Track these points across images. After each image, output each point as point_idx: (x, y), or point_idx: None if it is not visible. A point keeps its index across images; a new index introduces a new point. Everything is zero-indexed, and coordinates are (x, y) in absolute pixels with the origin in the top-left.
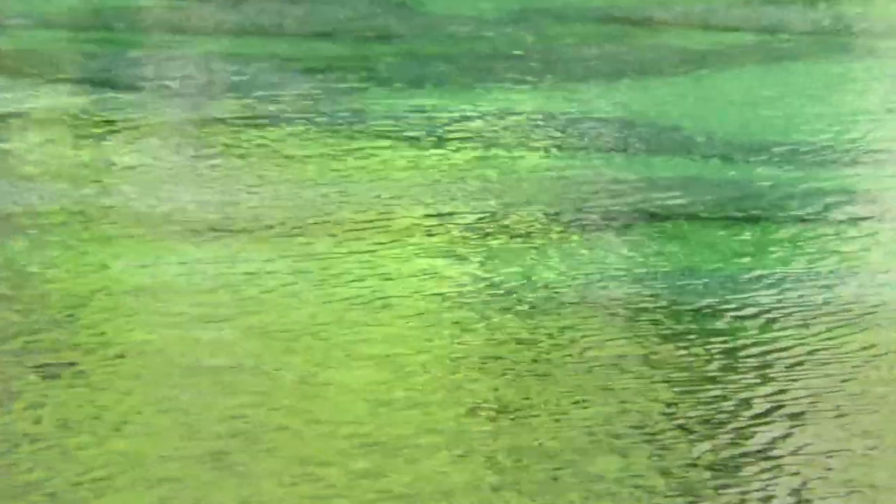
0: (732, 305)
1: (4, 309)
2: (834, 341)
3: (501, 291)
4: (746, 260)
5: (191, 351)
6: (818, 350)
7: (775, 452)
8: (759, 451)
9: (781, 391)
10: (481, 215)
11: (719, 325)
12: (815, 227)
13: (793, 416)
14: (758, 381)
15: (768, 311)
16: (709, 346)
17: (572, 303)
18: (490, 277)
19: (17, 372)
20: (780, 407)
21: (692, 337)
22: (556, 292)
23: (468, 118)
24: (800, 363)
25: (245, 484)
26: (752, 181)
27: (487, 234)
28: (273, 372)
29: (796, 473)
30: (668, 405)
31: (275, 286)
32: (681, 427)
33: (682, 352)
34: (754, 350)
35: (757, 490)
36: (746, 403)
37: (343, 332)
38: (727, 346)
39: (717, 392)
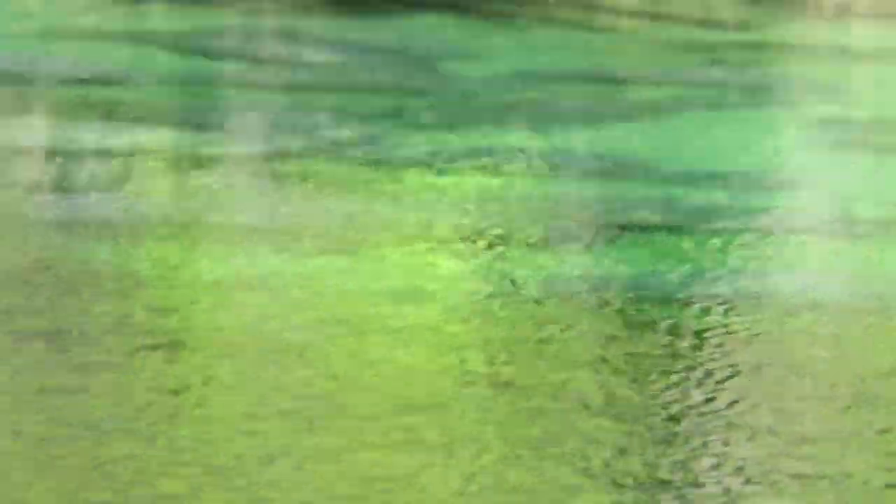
0: (687, 296)
1: (123, 299)
2: (771, 324)
3: (512, 287)
4: (697, 261)
5: (268, 333)
6: (760, 332)
7: (728, 411)
8: (714, 410)
9: (728, 365)
10: (495, 228)
11: (676, 311)
12: (749, 236)
13: (741, 381)
14: (710, 354)
15: (716, 300)
16: (669, 328)
17: (565, 294)
18: (503, 276)
19: (134, 349)
20: (731, 377)
21: (656, 321)
22: (553, 286)
23: (483, 153)
24: (745, 340)
25: (314, 433)
26: (700, 201)
27: (500, 243)
28: (333, 349)
29: (747, 425)
30: (639, 372)
31: (335, 283)
32: (651, 390)
33: (648, 331)
34: (706, 331)
35: (715, 438)
36: (706, 372)
37: (389, 319)
38: (685, 327)
39: (677, 364)
